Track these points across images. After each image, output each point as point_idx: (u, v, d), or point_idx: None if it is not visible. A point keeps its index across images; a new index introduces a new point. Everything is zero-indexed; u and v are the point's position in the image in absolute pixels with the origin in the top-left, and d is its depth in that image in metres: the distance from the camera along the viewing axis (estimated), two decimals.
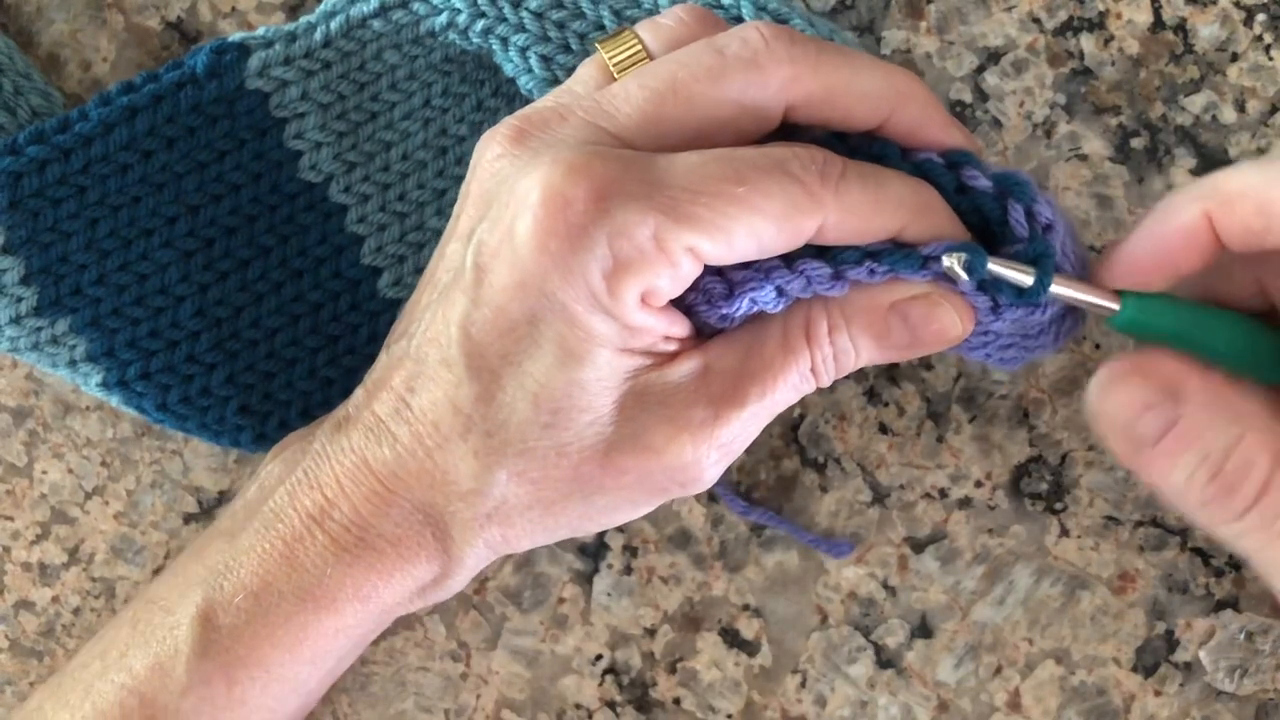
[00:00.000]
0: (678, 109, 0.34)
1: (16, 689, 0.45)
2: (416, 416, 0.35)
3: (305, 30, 0.41)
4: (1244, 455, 0.33)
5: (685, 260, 0.33)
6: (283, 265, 0.42)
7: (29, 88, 0.43)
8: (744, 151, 0.33)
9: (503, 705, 0.44)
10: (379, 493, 0.36)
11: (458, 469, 0.35)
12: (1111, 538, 0.42)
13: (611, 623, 0.44)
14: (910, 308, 0.35)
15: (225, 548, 0.37)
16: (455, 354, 0.34)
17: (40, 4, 0.46)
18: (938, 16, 0.44)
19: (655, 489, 0.36)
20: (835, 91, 0.35)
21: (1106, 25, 0.43)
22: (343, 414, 0.38)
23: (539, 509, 0.36)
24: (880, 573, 0.43)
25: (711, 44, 0.35)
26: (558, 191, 0.32)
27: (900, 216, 0.34)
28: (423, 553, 0.36)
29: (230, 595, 0.36)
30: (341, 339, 0.43)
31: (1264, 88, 0.43)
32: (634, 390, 0.35)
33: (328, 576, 0.36)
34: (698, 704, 0.43)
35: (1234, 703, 0.42)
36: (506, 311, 0.34)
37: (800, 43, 0.34)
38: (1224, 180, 0.34)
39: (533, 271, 0.33)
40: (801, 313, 0.35)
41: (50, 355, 0.42)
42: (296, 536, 0.36)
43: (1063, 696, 0.42)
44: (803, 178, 0.33)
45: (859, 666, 0.43)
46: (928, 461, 0.43)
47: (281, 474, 0.38)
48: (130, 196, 0.41)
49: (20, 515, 0.45)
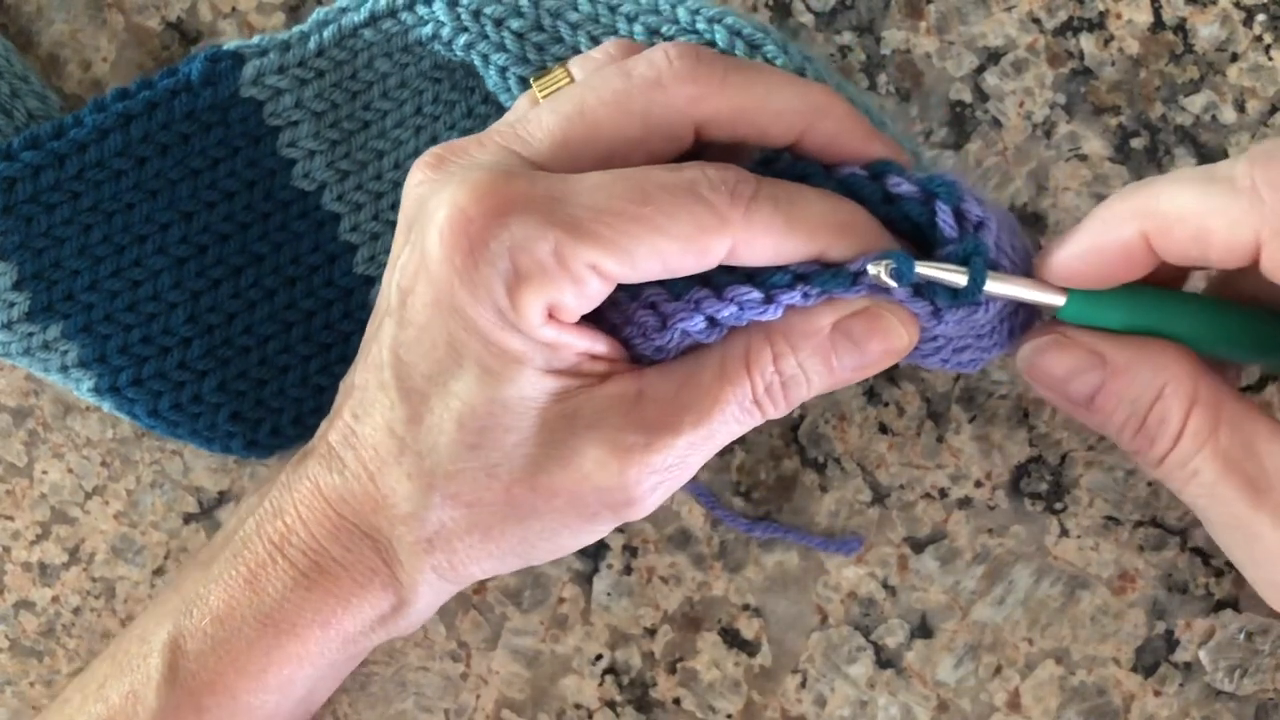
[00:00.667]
0: (585, 131, 0.34)
1: (16, 689, 0.45)
2: (360, 442, 0.36)
3: (299, 39, 0.41)
4: (1161, 409, 0.35)
5: (589, 277, 0.33)
6: (275, 273, 0.42)
7: (26, 90, 0.43)
8: (653, 171, 0.34)
9: (503, 705, 0.44)
10: (330, 518, 0.37)
11: (395, 492, 0.36)
12: (1111, 538, 0.42)
13: (611, 623, 0.44)
14: (852, 325, 0.35)
15: (200, 577, 0.38)
16: (388, 377, 0.35)
17: (40, 4, 0.46)
18: (938, 16, 0.44)
19: (588, 513, 0.36)
20: (745, 109, 0.35)
21: (1106, 25, 0.43)
22: (309, 445, 0.38)
23: (477, 533, 0.36)
24: (880, 573, 0.43)
25: (621, 67, 0.35)
26: (461, 209, 0.33)
27: (819, 238, 0.34)
28: (376, 579, 0.37)
29: (197, 621, 0.37)
30: (334, 347, 0.43)
31: (1264, 88, 0.43)
32: (564, 412, 0.35)
33: (288, 601, 0.37)
34: (698, 704, 0.43)
35: (1234, 703, 0.42)
36: (428, 330, 0.34)
37: (707, 61, 0.35)
38: (1162, 199, 0.33)
39: (444, 288, 0.33)
40: (742, 341, 0.35)
41: (42, 361, 0.42)
42: (260, 563, 0.37)
43: (1062, 696, 0.42)
44: (710, 198, 0.33)
45: (859, 666, 0.43)
46: (928, 461, 0.43)
47: (254, 505, 0.39)
48: (124, 203, 0.41)
49: (20, 515, 0.45)
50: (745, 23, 0.38)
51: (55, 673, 0.45)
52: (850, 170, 0.36)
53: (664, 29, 0.39)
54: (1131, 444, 0.36)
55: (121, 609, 0.45)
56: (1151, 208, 0.33)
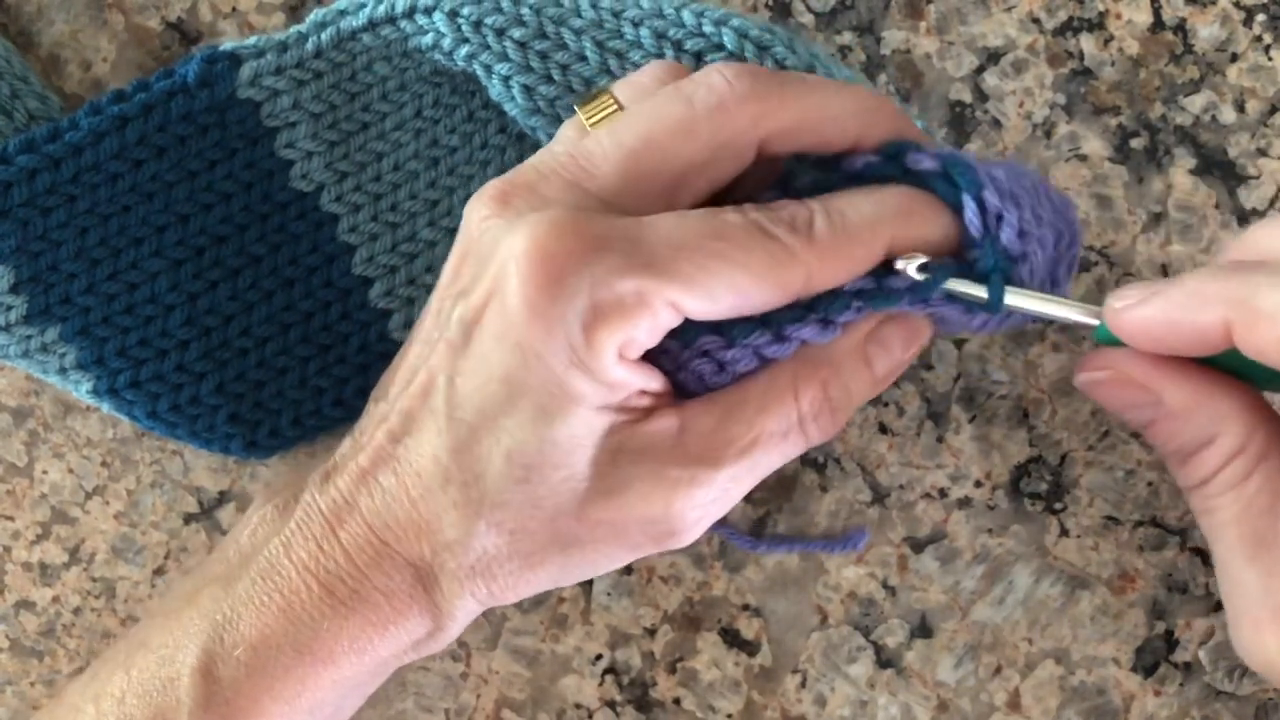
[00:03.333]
0: (654, 162, 0.35)
1: (16, 689, 0.45)
2: (402, 466, 0.36)
3: (296, 40, 0.41)
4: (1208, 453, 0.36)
5: (665, 312, 0.33)
6: (273, 274, 0.42)
7: (26, 91, 0.43)
8: (724, 213, 0.34)
9: (503, 705, 0.44)
10: (373, 544, 0.36)
11: (440, 519, 0.36)
12: (1111, 538, 0.42)
13: (611, 623, 0.44)
14: (886, 333, 0.36)
15: (221, 596, 0.37)
16: (439, 405, 0.35)
17: (40, 4, 0.46)
18: (938, 17, 0.44)
19: (630, 544, 0.36)
20: (806, 120, 0.35)
21: (1106, 25, 0.43)
22: (330, 464, 0.38)
23: (518, 560, 0.36)
24: (880, 573, 0.43)
25: (679, 92, 0.35)
26: (542, 246, 0.33)
27: (882, 234, 0.35)
28: (415, 605, 0.37)
29: (230, 648, 0.37)
30: (332, 348, 0.43)
31: (1263, 88, 0.43)
32: (609, 446, 0.35)
33: (324, 630, 0.36)
34: (698, 704, 0.43)
35: (1234, 703, 0.42)
36: (488, 366, 0.34)
37: (764, 79, 0.35)
38: (1260, 296, 0.32)
39: (517, 326, 0.33)
40: (787, 373, 0.36)
41: (40, 363, 0.42)
42: (293, 589, 0.37)
43: (1062, 696, 0.42)
44: (776, 232, 0.34)
45: (859, 666, 0.43)
46: (928, 461, 0.43)
47: (274, 522, 0.38)
48: (120, 205, 0.41)
49: (20, 515, 0.45)
50: (751, 24, 0.39)
51: (55, 673, 0.45)
52: (864, 160, 0.36)
53: (671, 33, 0.39)
54: (1172, 463, 0.37)
55: (122, 609, 0.45)
56: (1245, 299, 0.33)
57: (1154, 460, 0.42)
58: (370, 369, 0.43)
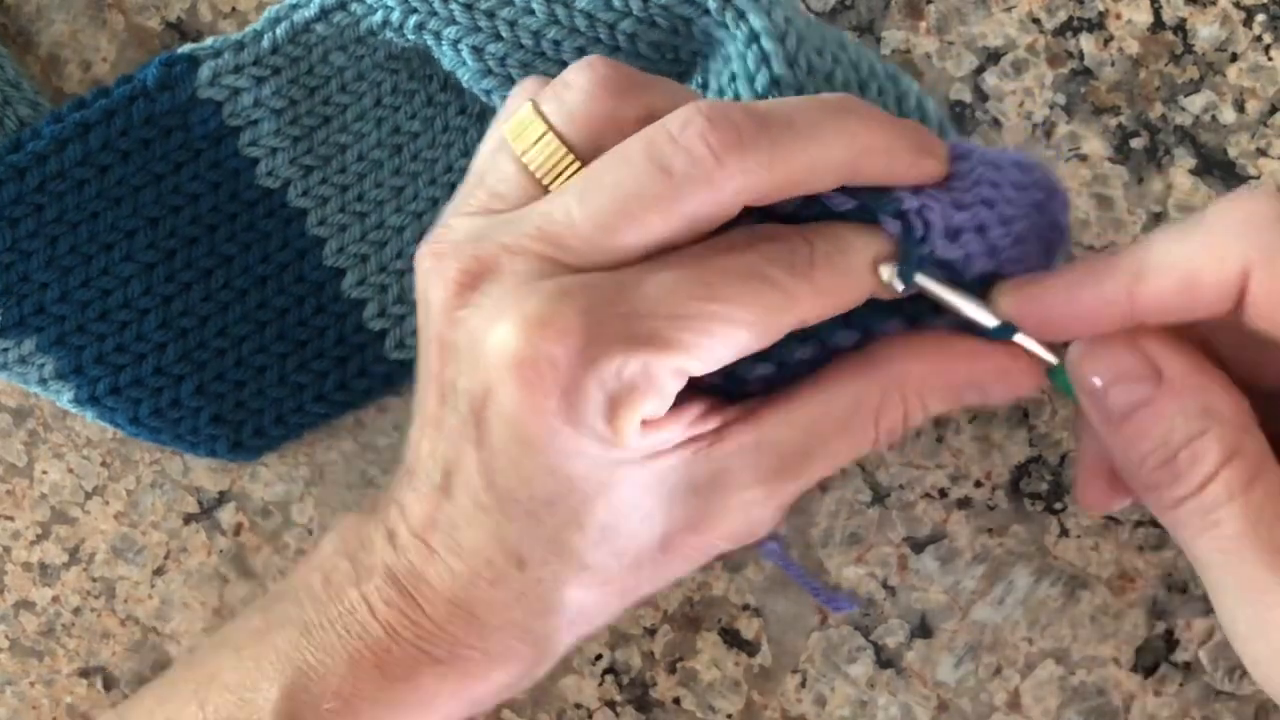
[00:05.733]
0: (631, 236, 0.32)
1: (16, 689, 0.45)
2: (469, 553, 0.34)
3: (252, 38, 0.41)
4: (1197, 449, 0.32)
5: (671, 382, 0.32)
6: (245, 272, 0.42)
7: (18, 98, 0.43)
8: (713, 262, 0.32)
9: (503, 705, 0.44)
10: (459, 614, 0.35)
11: (526, 595, 0.35)
12: (1111, 538, 0.42)
13: (611, 623, 0.44)
14: (985, 377, 0.35)
15: (301, 643, 0.36)
16: (487, 500, 0.34)
17: (40, 4, 0.46)
18: (937, 16, 0.44)
19: (715, 550, 0.36)
20: (793, 181, 0.33)
21: (1106, 25, 0.43)
22: (390, 525, 0.36)
23: (614, 599, 0.36)
24: (880, 573, 0.43)
25: (654, 159, 0.32)
26: (538, 353, 0.31)
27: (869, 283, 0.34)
28: (514, 655, 0.36)
29: (317, 698, 0.35)
30: (309, 343, 0.43)
31: (1264, 88, 0.43)
32: (681, 480, 0.34)
33: (423, 685, 0.35)
34: (698, 704, 0.43)
35: (1234, 703, 0.42)
36: (522, 466, 0.33)
37: (750, 141, 0.32)
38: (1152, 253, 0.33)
39: (536, 433, 0.32)
40: (875, 395, 0.35)
41: (20, 374, 0.42)
42: (384, 648, 0.35)
43: (1062, 696, 0.42)
44: (774, 277, 0.32)
45: (859, 666, 0.43)
46: (928, 461, 0.43)
47: (349, 574, 0.36)
48: (88, 212, 0.41)
49: (20, 515, 0.45)
50: None
51: (55, 673, 0.45)
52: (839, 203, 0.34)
53: None
54: (1150, 476, 0.33)
55: (121, 609, 0.45)
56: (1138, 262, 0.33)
57: None
58: (348, 361, 0.43)
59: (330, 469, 0.45)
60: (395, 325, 0.43)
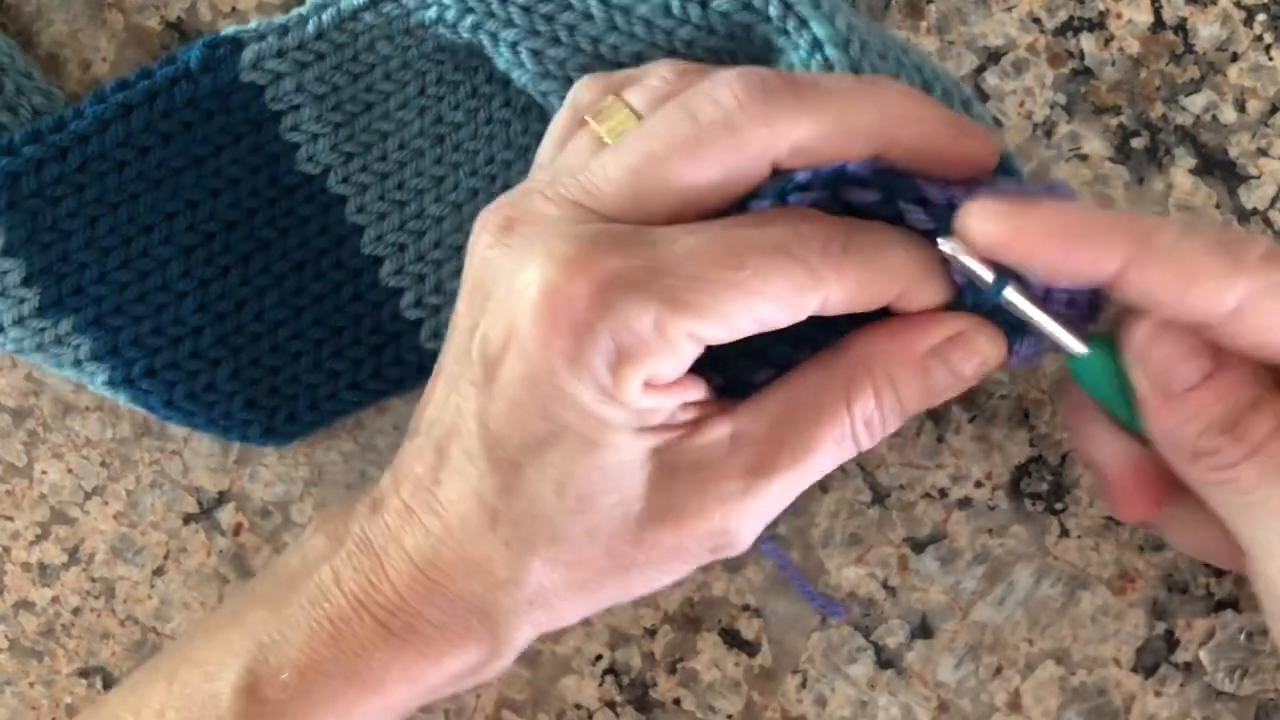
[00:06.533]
0: (657, 182, 0.33)
1: (16, 689, 0.45)
2: (444, 508, 0.35)
3: (297, 23, 0.41)
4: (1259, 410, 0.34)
5: (686, 345, 0.33)
6: (283, 258, 0.42)
7: (30, 87, 0.43)
8: (743, 230, 0.33)
9: (503, 705, 0.44)
10: (420, 580, 0.36)
11: (491, 559, 0.35)
12: (1111, 538, 0.42)
13: (611, 623, 0.44)
14: (949, 350, 0.35)
15: (269, 617, 0.37)
16: (475, 447, 0.34)
17: (40, 4, 0.46)
18: (938, 16, 0.44)
19: (689, 558, 0.36)
20: (822, 138, 0.33)
21: (1106, 25, 0.43)
22: (376, 495, 0.37)
23: (578, 590, 0.36)
24: (880, 573, 0.43)
25: (684, 107, 0.33)
26: (557, 289, 0.32)
27: (900, 282, 0.34)
28: (470, 636, 0.36)
29: (276, 670, 0.36)
30: (345, 330, 0.43)
31: (1264, 88, 0.43)
32: (661, 466, 0.34)
33: (376, 660, 0.36)
34: (698, 704, 0.43)
35: (1234, 703, 0.42)
36: (520, 405, 0.33)
37: (776, 94, 0.33)
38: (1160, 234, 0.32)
39: (541, 368, 0.33)
40: (841, 374, 0.35)
41: (55, 355, 0.42)
42: (344, 618, 0.36)
43: (1063, 697, 0.42)
44: (804, 257, 0.32)
45: (859, 666, 0.43)
46: (928, 461, 0.43)
47: (325, 549, 0.37)
48: (128, 194, 0.41)
49: (20, 515, 0.45)
50: None
51: (55, 673, 0.45)
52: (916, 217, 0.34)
53: None
54: (1209, 443, 0.34)
55: (121, 609, 0.45)
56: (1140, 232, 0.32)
57: None
58: (384, 350, 0.43)
59: (330, 469, 0.45)
60: (431, 315, 0.43)
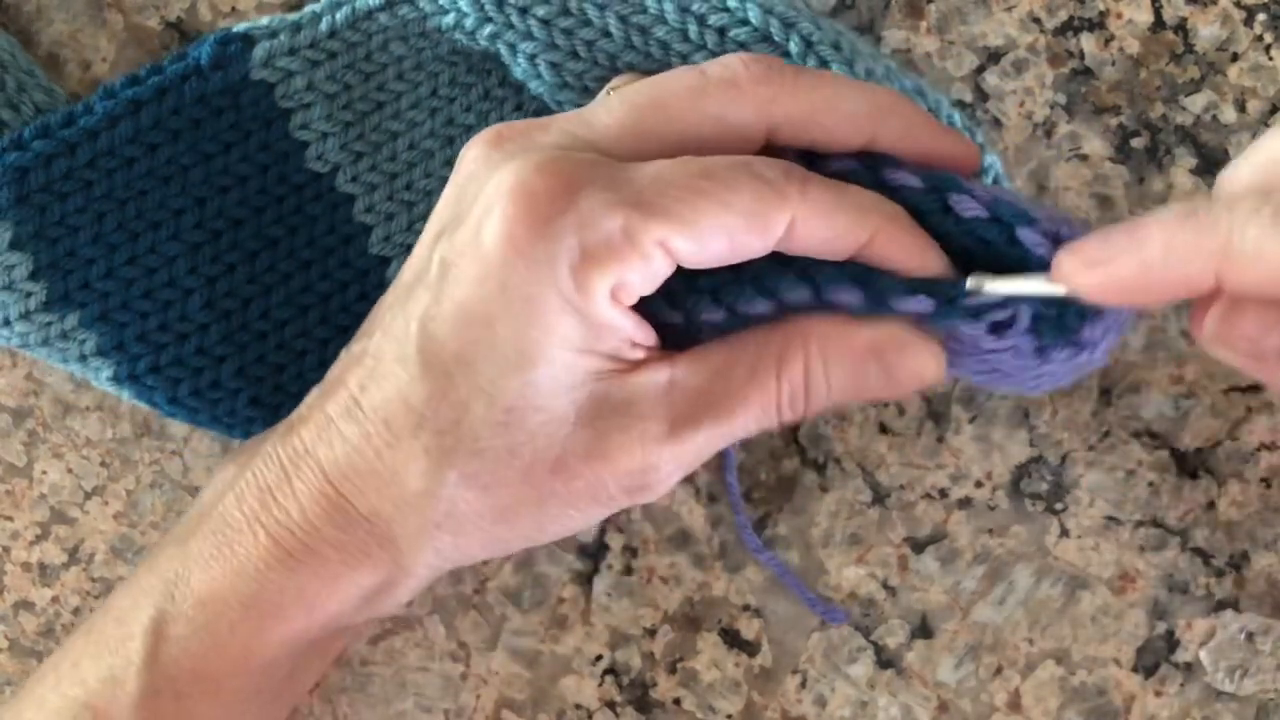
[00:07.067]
0: (656, 122, 0.35)
1: (16, 689, 0.45)
2: (367, 415, 0.35)
3: (310, 21, 0.41)
4: None
5: (656, 254, 0.33)
6: (291, 256, 0.42)
7: (32, 84, 0.43)
8: (712, 158, 0.34)
9: (503, 705, 0.44)
10: (328, 495, 0.35)
11: (407, 469, 0.35)
12: (1111, 538, 0.42)
13: (611, 623, 0.44)
14: (888, 350, 0.35)
15: (176, 554, 0.37)
16: (411, 350, 0.34)
17: (40, 4, 0.46)
18: (938, 16, 0.44)
19: (604, 497, 0.36)
20: (816, 111, 0.35)
21: (1107, 25, 0.43)
22: (296, 415, 0.37)
23: (490, 516, 0.35)
24: (880, 573, 0.43)
25: (694, 67, 0.36)
26: (525, 185, 0.33)
27: (870, 222, 0.34)
28: (368, 560, 0.36)
29: (180, 605, 0.36)
30: (351, 329, 0.42)
31: (1264, 88, 0.43)
32: (594, 395, 0.35)
33: (270, 582, 0.36)
34: (698, 704, 0.43)
35: (1234, 703, 0.42)
36: (467, 307, 0.34)
37: (780, 69, 0.35)
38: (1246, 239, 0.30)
39: (497, 265, 0.33)
40: (777, 342, 0.35)
41: (60, 350, 0.42)
42: (241, 541, 0.36)
43: (1063, 697, 0.42)
44: (767, 175, 0.34)
45: (859, 667, 0.43)
46: (928, 461, 0.43)
47: (233, 478, 0.38)
48: (137, 190, 0.41)
49: (20, 515, 0.45)
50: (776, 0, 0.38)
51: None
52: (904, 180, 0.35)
53: (694, 7, 0.38)
54: None
55: None
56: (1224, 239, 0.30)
57: (1154, 460, 0.42)
58: None
59: None
60: None
